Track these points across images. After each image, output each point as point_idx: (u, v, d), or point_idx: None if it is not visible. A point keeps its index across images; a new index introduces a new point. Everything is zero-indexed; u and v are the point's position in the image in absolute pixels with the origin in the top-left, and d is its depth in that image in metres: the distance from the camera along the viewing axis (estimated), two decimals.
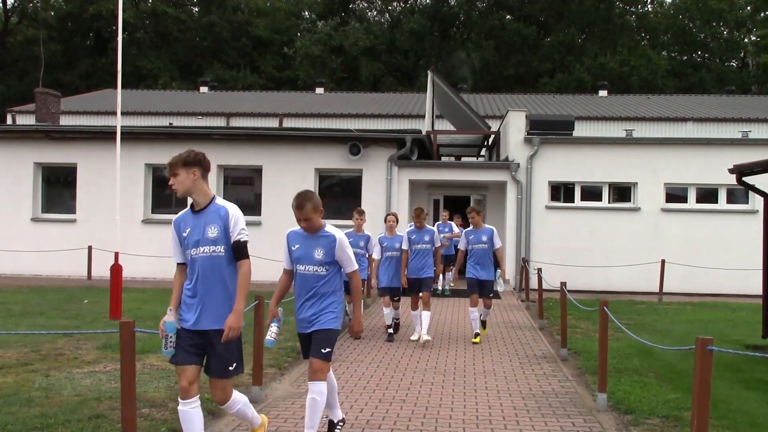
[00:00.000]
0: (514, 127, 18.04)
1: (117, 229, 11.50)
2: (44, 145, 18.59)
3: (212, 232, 4.37)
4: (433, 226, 14.56)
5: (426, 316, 9.44)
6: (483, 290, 9.70)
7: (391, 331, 9.92)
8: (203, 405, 6.11)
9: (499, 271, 9.87)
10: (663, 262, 16.19)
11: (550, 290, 12.31)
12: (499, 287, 9.96)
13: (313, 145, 18.15)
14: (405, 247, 9.64)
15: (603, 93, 35.49)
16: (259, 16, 50.67)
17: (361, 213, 10.22)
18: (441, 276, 14.75)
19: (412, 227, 9.86)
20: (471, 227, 9.82)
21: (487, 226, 9.87)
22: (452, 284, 15.78)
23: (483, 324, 10.07)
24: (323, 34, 47.18)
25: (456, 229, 15.06)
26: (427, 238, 9.69)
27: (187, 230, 4.47)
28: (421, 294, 9.60)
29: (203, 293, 4.38)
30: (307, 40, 47.31)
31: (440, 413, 6.12)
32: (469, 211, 9.78)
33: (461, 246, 9.86)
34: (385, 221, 10.14)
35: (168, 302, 4.67)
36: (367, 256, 10.15)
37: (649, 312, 13.42)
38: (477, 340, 9.65)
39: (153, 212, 18.44)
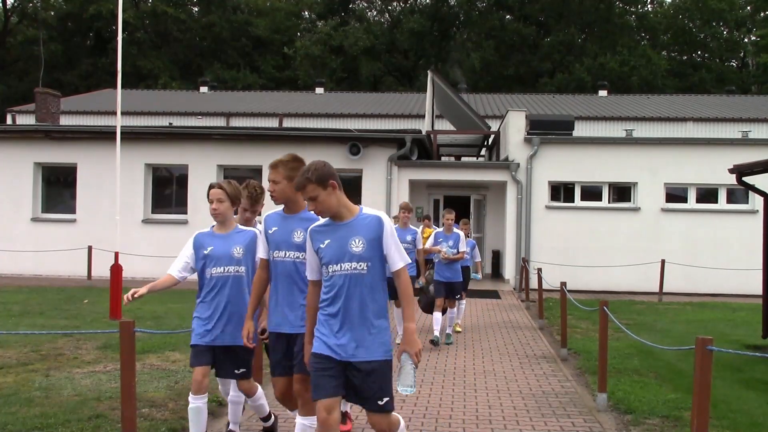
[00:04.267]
0: (514, 127, 18.04)
1: (117, 229, 11.49)
2: (44, 145, 18.58)
3: None
4: (422, 232, 11.21)
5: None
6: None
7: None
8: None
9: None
10: (663, 262, 16.19)
11: (550, 290, 12.32)
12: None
13: (313, 145, 18.14)
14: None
15: (603, 93, 35.50)
16: (259, 16, 50.67)
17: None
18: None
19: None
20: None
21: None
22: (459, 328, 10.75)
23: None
24: (323, 34, 47.16)
25: (462, 244, 9.53)
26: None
27: None
28: None
29: None
30: (307, 40, 47.30)
31: (440, 413, 6.11)
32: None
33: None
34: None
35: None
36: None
37: (649, 312, 13.42)
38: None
39: (153, 212, 18.44)
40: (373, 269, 3.78)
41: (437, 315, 9.31)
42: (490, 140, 22.81)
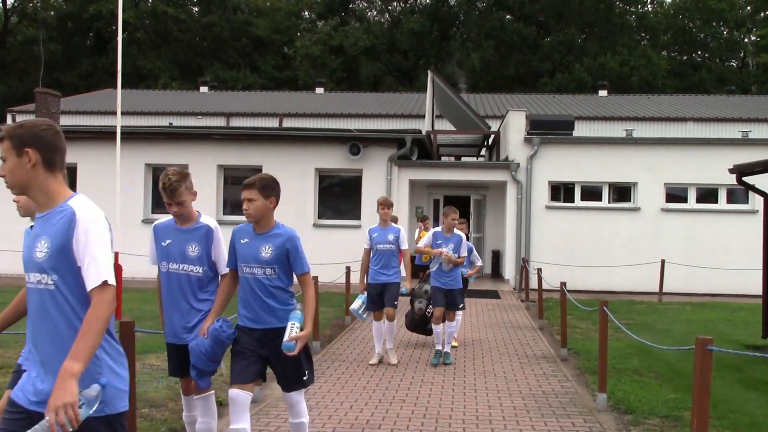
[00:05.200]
0: (514, 127, 18.04)
1: (117, 229, 11.49)
2: None
3: None
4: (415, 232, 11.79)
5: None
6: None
7: None
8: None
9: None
10: (663, 262, 16.19)
11: (550, 290, 12.32)
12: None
13: (313, 145, 18.15)
14: None
15: (603, 93, 35.48)
16: (259, 16, 50.68)
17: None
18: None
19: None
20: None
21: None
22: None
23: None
24: (323, 34, 47.18)
25: (464, 248, 8.48)
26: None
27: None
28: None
29: None
30: (307, 40, 47.31)
31: (440, 413, 6.11)
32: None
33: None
34: None
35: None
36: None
37: (649, 312, 13.42)
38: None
39: (153, 212, 18.43)
40: (66, 285, 2.53)
41: (437, 329, 8.22)
42: (490, 140, 22.81)
